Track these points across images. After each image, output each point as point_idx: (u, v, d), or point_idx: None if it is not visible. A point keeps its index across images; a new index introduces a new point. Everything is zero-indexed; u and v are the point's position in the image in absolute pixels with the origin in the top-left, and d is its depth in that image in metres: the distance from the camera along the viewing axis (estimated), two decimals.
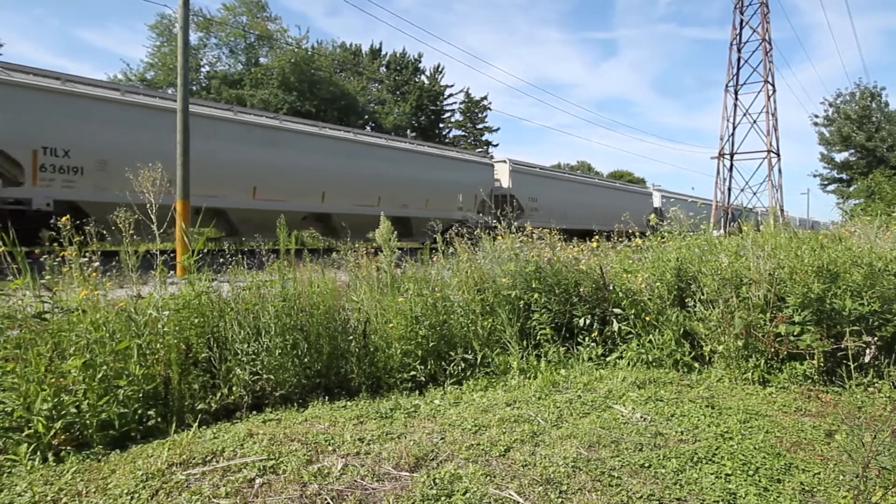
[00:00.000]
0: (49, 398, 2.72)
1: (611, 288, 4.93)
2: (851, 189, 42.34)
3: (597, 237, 6.06)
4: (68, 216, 3.41)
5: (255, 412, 3.37)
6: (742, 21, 28.33)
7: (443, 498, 2.16)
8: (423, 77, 49.60)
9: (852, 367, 3.84)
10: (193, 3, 33.25)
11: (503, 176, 21.40)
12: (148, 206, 3.41)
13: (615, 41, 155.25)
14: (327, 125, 16.47)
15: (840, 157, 45.20)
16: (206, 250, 4.01)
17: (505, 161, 21.63)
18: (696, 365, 4.40)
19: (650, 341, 4.54)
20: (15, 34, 62.95)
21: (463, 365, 4.28)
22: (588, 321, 4.79)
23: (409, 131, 37.57)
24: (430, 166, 18.48)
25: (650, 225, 6.06)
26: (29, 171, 10.01)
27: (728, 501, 2.25)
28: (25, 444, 2.60)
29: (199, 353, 3.52)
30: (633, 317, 4.72)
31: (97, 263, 3.48)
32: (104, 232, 3.65)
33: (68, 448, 2.67)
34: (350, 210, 14.98)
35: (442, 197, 18.21)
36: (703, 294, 4.51)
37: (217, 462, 2.42)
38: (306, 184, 14.32)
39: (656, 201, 31.35)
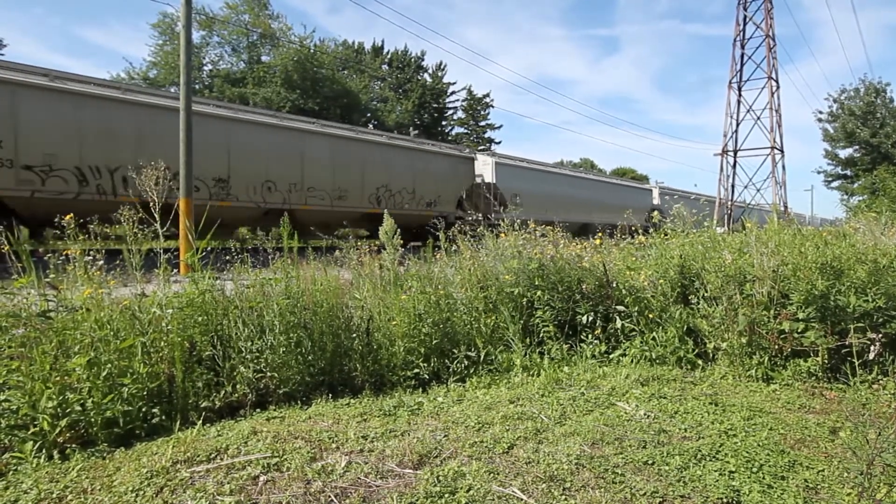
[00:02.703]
0: (54, 396, 2.73)
1: (614, 285, 4.93)
2: (855, 186, 42.14)
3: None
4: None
5: (258, 410, 3.38)
6: (745, 17, 28.14)
7: (446, 495, 2.16)
8: (425, 75, 49.54)
9: (857, 363, 3.83)
10: (196, 2, 33.31)
11: (656, 196, 33.88)
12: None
13: (617, 38, 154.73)
14: (589, 172, 33.67)
15: (844, 153, 44.91)
16: (209, 248, 4.01)
17: (656, 186, 35.63)
18: (700, 362, 4.39)
19: (653, 338, 4.53)
20: (16, 33, 63.11)
21: (466, 362, 4.28)
22: (591, 318, 4.78)
23: (411, 129, 37.53)
24: (617, 191, 30.48)
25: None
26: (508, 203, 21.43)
27: (732, 499, 2.25)
28: (31, 442, 2.61)
29: (202, 351, 3.53)
30: (636, 314, 4.71)
31: (101, 262, 3.50)
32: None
33: (73, 446, 2.68)
34: (599, 220, 24.78)
35: (623, 210, 29.90)
36: (706, 291, 4.50)
37: (221, 459, 2.43)
38: (578, 205, 26.25)
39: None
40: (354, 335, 4.08)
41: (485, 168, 21.60)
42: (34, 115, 10.45)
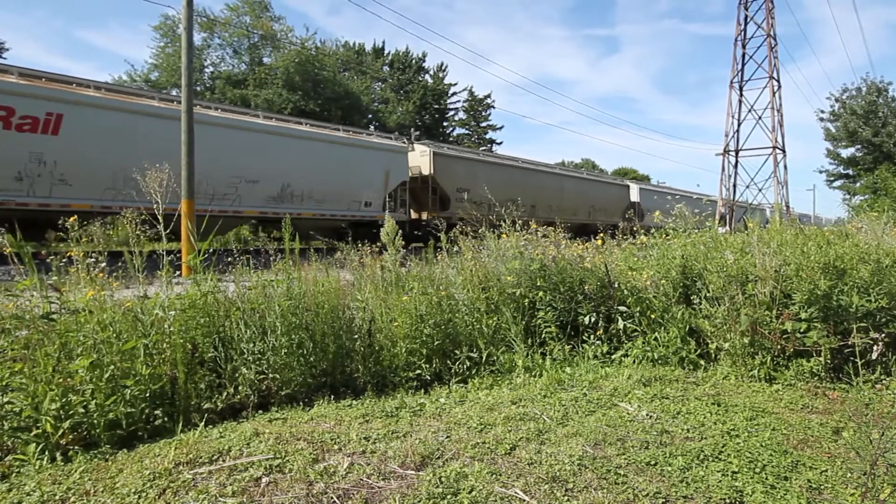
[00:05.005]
0: (57, 398, 2.74)
1: (616, 286, 4.92)
2: (857, 185, 42.07)
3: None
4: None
5: (260, 411, 3.38)
6: (747, 17, 28.14)
7: (449, 496, 2.16)
8: (426, 76, 49.56)
9: (859, 363, 3.82)
10: (197, 4, 33.34)
11: (721, 207, 40.04)
12: None
13: (617, 38, 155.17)
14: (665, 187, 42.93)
15: (846, 152, 44.85)
16: (211, 250, 4.01)
17: (720, 198, 41.64)
18: (702, 362, 4.39)
19: (655, 339, 4.53)
20: (17, 35, 63.24)
21: (468, 363, 4.28)
22: (593, 319, 4.78)
23: (412, 130, 37.55)
24: (699, 204, 34.60)
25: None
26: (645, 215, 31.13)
27: (734, 499, 2.24)
28: (34, 444, 2.61)
29: (205, 353, 3.53)
30: (638, 314, 4.71)
31: (104, 264, 3.50)
32: None
33: (76, 447, 2.69)
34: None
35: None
36: (708, 291, 4.49)
37: (223, 461, 2.43)
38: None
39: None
40: (356, 336, 4.08)
41: (633, 191, 31.70)
42: (481, 175, 21.10)
